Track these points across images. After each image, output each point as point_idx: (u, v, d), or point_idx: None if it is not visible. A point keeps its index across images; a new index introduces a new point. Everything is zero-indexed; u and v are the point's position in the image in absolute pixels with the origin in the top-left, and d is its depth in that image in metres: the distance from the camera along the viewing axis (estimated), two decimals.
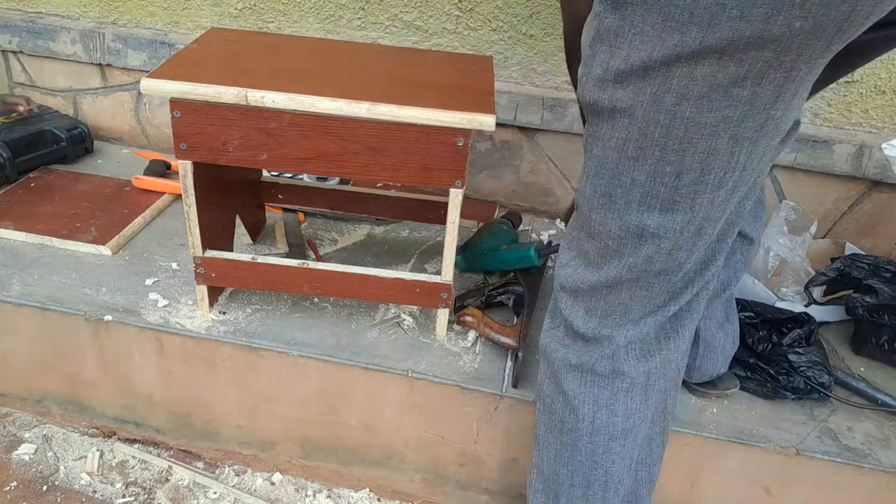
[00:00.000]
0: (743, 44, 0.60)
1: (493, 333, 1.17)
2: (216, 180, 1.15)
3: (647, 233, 0.74)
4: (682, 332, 0.86)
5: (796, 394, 1.13)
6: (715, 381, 1.13)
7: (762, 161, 0.72)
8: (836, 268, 1.27)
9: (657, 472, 0.94)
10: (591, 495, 0.89)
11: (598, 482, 0.88)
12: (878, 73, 1.43)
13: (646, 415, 0.87)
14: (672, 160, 0.69)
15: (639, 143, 0.70)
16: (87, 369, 1.24)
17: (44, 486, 1.20)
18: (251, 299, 1.25)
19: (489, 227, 1.40)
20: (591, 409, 0.86)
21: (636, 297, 0.81)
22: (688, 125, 0.67)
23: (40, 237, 1.34)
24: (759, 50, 0.61)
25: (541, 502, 0.95)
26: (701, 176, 0.70)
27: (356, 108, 0.99)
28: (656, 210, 0.73)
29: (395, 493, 1.26)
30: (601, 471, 0.87)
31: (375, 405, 1.17)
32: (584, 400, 0.86)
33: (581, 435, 0.87)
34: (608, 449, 0.87)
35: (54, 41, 1.70)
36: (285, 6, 1.61)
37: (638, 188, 0.72)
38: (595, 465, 0.87)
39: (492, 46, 1.56)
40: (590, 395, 0.86)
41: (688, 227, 0.73)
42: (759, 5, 0.57)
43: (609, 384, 0.85)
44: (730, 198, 0.73)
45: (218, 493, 1.22)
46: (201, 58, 1.10)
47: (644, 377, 0.85)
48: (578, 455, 0.88)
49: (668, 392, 0.90)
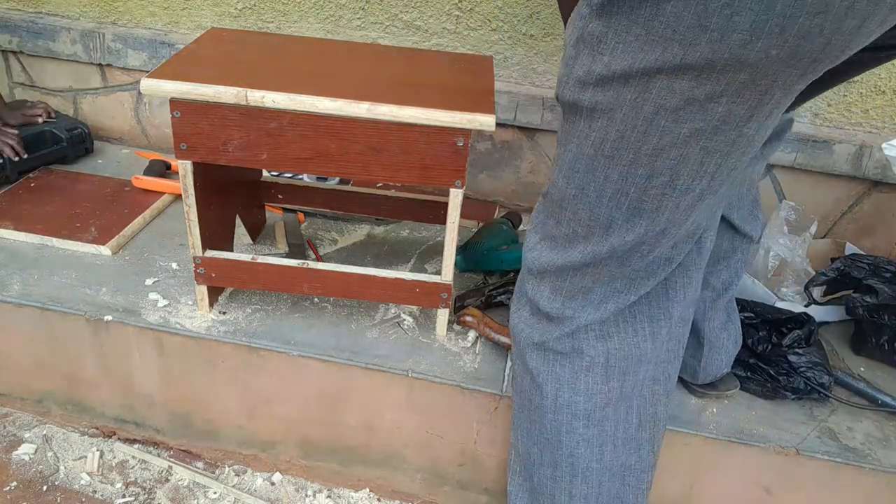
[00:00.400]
0: (721, 64, 0.62)
1: (493, 333, 1.17)
2: (216, 180, 1.15)
3: (615, 226, 0.78)
4: (640, 319, 0.89)
5: (796, 394, 1.13)
6: (715, 381, 1.13)
7: (732, 173, 0.75)
8: (836, 268, 1.27)
9: (649, 480, 0.95)
10: (559, 477, 0.91)
11: (563, 464, 0.91)
12: (878, 73, 1.43)
13: (609, 397, 0.89)
14: (644, 163, 0.72)
15: (615, 144, 0.72)
16: (87, 369, 1.24)
17: (44, 486, 1.20)
18: (251, 299, 1.25)
19: (489, 227, 1.40)
20: (553, 386, 0.89)
21: (598, 282, 0.84)
22: (662, 133, 0.69)
23: (40, 237, 1.34)
24: (736, 72, 0.62)
25: (517, 483, 0.98)
26: (670, 181, 0.72)
27: (356, 108, 0.99)
28: (624, 207, 0.76)
29: (395, 493, 1.26)
30: (566, 451, 0.90)
31: (375, 405, 1.17)
32: (546, 377, 0.89)
33: (546, 412, 0.90)
34: (571, 428, 0.89)
35: (54, 41, 1.70)
36: (285, 6, 1.61)
37: (610, 185, 0.75)
38: (560, 444, 0.90)
39: (492, 46, 1.56)
40: (552, 373, 0.89)
41: (652, 227, 0.77)
42: (739, 31, 0.59)
43: (570, 362, 0.88)
44: (696, 204, 0.76)
45: (218, 493, 1.22)
46: (201, 58, 1.10)
47: (603, 357, 0.88)
48: (545, 433, 0.91)
49: (643, 386, 0.91)
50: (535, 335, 0.90)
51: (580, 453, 0.90)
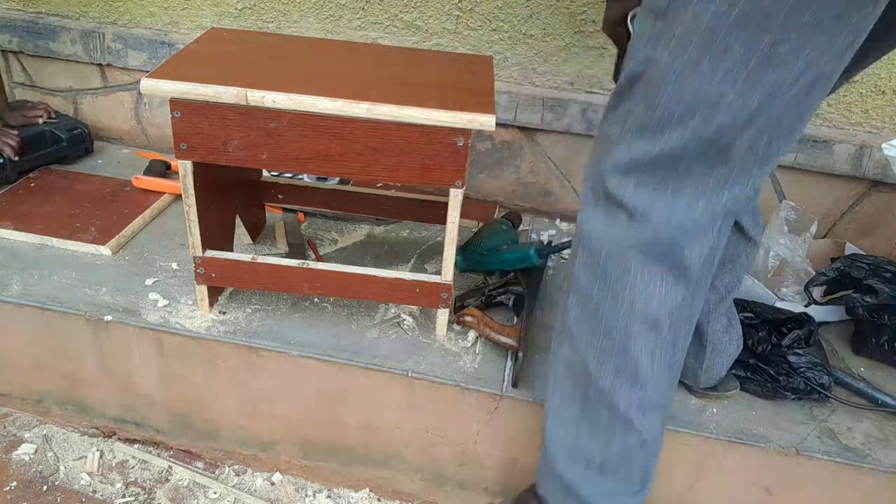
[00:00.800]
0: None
1: (493, 333, 1.17)
2: (216, 180, 1.15)
3: (725, 102, 0.74)
4: (724, 231, 0.86)
5: (796, 394, 1.13)
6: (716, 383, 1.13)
7: (810, 96, 0.75)
8: (836, 268, 1.27)
9: (657, 451, 0.95)
10: (618, 385, 0.89)
11: (626, 372, 0.88)
12: (879, 73, 1.43)
13: (681, 313, 0.87)
14: (774, 28, 0.69)
15: (743, 9, 0.69)
16: (87, 369, 1.24)
17: (44, 486, 1.20)
18: (251, 299, 1.25)
19: (489, 227, 1.40)
20: (629, 294, 0.85)
21: (690, 175, 0.80)
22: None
23: (40, 237, 1.34)
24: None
25: (565, 396, 0.95)
26: (796, 49, 0.70)
27: (356, 108, 0.99)
28: (740, 81, 0.72)
29: (395, 493, 1.26)
30: (632, 359, 0.88)
31: (375, 405, 1.17)
32: (624, 284, 0.85)
33: (617, 319, 0.87)
34: (640, 337, 0.87)
35: (54, 41, 1.70)
36: (285, 6, 1.61)
37: (730, 56, 0.72)
38: (627, 353, 0.88)
39: (492, 46, 1.56)
40: (629, 280, 0.85)
41: (768, 104, 0.74)
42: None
43: (652, 267, 0.84)
44: (806, 94, 0.74)
45: (218, 493, 1.22)
46: (201, 58, 1.10)
47: (683, 263, 0.84)
48: (611, 341, 0.88)
49: (699, 311, 0.91)
50: (615, 236, 0.85)
51: (643, 363, 0.88)
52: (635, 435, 0.91)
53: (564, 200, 1.68)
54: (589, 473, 0.95)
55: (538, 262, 1.28)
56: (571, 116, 1.55)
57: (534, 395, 1.11)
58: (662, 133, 0.79)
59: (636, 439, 0.91)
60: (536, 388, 1.12)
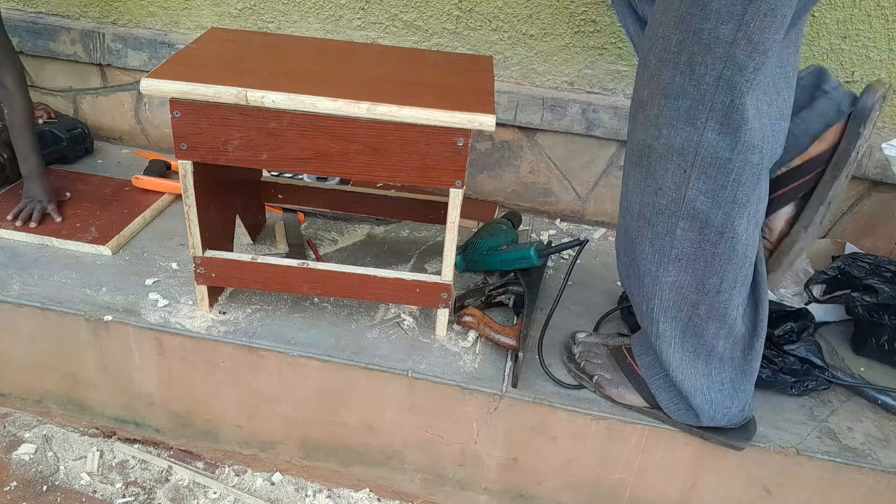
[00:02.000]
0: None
1: (493, 333, 1.17)
2: (216, 180, 1.15)
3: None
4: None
5: (795, 376, 1.13)
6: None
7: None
8: (836, 267, 1.27)
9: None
10: (735, 295, 0.95)
11: (745, 284, 0.96)
12: (878, 73, 1.43)
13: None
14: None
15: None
16: (87, 369, 1.24)
17: (44, 486, 1.20)
18: (251, 299, 1.25)
19: (489, 227, 1.40)
20: (746, 220, 0.90)
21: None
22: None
23: (40, 237, 1.34)
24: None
25: (673, 329, 0.99)
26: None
27: (356, 108, 0.99)
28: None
29: (395, 493, 1.26)
30: (750, 278, 0.95)
31: (375, 405, 1.17)
32: (739, 213, 0.89)
33: (738, 242, 0.91)
34: (751, 261, 0.94)
35: (54, 41, 1.70)
36: (285, 6, 1.61)
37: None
38: (748, 274, 0.95)
39: (492, 46, 1.56)
40: (745, 208, 0.90)
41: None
42: None
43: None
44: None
45: (218, 493, 1.22)
46: (201, 58, 1.10)
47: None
48: (732, 265, 0.92)
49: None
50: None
51: (749, 280, 0.96)
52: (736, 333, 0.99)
53: (564, 200, 1.68)
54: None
55: (538, 262, 1.28)
56: (571, 116, 1.55)
57: (534, 395, 1.11)
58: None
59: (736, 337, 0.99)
60: (537, 388, 1.12)
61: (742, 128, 0.84)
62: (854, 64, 1.43)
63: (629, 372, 1.09)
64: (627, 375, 1.09)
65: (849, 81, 1.45)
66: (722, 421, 1.04)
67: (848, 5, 1.38)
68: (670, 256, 0.94)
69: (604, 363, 1.12)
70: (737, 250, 0.92)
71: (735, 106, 0.83)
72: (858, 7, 1.38)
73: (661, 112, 0.87)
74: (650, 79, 0.87)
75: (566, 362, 1.16)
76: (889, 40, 1.40)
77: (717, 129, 0.84)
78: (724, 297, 0.95)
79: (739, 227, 0.90)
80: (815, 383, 1.14)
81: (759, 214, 0.93)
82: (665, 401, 1.06)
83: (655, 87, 0.86)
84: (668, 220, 0.92)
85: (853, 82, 1.45)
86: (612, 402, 1.10)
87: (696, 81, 0.82)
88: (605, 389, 1.10)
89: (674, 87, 0.84)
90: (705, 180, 0.88)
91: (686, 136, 0.86)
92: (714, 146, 0.85)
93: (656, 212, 0.93)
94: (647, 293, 0.99)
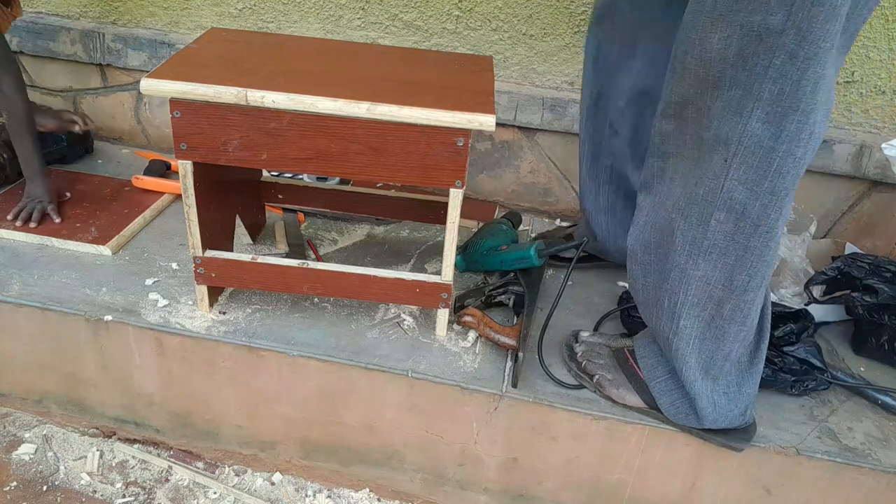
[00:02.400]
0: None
1: (493, 333, 1.17)
2: (216, 180, 1.15)
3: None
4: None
5: (795, 375, 1.13)
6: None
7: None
8: (836, 267, 1.27)
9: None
10: (759, 296, 0.96)
11: (765, 285, 0.96)
12: (878, 73, 1.43)
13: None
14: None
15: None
16: (87, 369, 1.24)
17: (44, 486, 1.20)
18: (251, 299, 1.25)
19: (489, 227, 1.40)
20: (764, 214, 0.90)
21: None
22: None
23: (40, 237, 1.34)
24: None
25: (699, 314, 0.97)
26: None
27: (356, 108, 0.99)
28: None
29: (395, 493, 1.26)
30: (769, 268, 0.95)
31: (375, 405, 1.17)
32: (762, 214, 0.90)
33: (766, 239, 0.91)
34: (772, 246, 0.93)
35: (54, 41, 1.70)
36: (285, 6, 1.61)
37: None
38: (769, 275, 0.96)
39: (492, 46, 1.56)
40: (767, 211, 0.90)
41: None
42: None
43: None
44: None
45: (218, 493, 1.22)
46: (201, 58, 1.10)
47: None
48: (754, 252, 0.92)
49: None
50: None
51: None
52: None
53: (564, 200, 1.68)
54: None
55: (538, 262, 1.28)
56: (571, 116, 1.55)
57: (534, 395, 1.11)
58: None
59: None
60: (537, 388, 1.12)
61: (789, 117, 0.84)
62: (854, 64, 1.44)
63: (630, 373, 1.09)
64: (628, 377, 1.09)
65: (849, 81, 1.45)
66: (724, 423, 1.04)
67: None
68: (702, 248, 0.94)
69: (605, 363, 1.12)
70: (769, 246, 0.92)
71: (784, 94, 0.83)
72: None
73: (713, 103, 0.87)
74: (695, 77, 0.88)
75: (567, 361, 1.17)
76: (889, 40, 1.40)
77: (762, 117, 0.84)
78: (750, 296, 0.95)
79: (775, 221, 0.90)
80: (815, 383, 1.14)
81: (788, 213, 0.93)
82: (666, 404, 1.06)
83: (704, 83, 0.87)
84: (704, 210, 0.92)
85: (853, 82, 1.45)
86: (612, 403, 1.10)
87: (748, 71, 0.83)
88: (606, 390, 1.10)
89: (725, 79, 0.85)
90: (745, 170, 0.88)
91: (732, 126, 0.87)
92: (758, 135, 0.86)
93: (692, 202, 0.93)
94: (672, 288, 0.98)
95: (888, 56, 1.41)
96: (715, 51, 0.84)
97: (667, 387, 1.05)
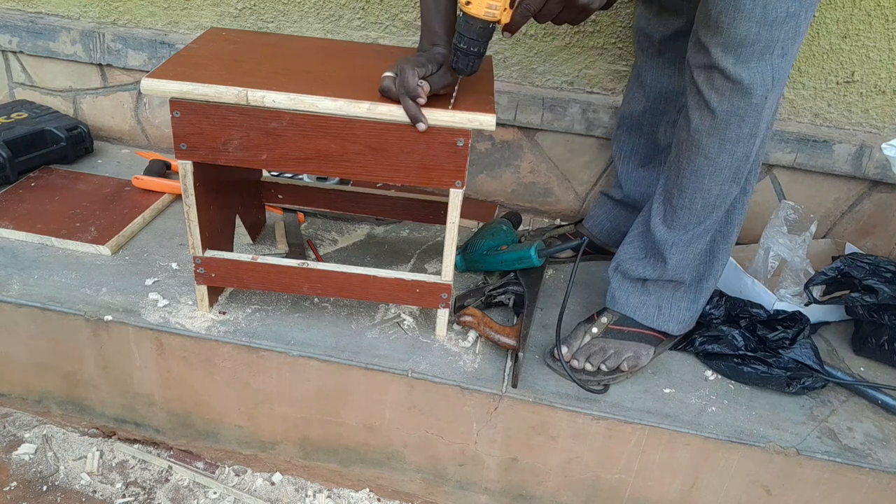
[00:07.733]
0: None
1: (493, 333, 1.17)
2: (216, 180, 1.15)
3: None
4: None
5: (790, 371, 1.13)
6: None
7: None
8: (836, 267, 1.26)
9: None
10: (741, 213, 1.14)
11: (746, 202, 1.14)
12: (878, 73, 1.43)
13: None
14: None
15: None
16: (87, 369, 1.24)
17: (44, 486, 1.20)
18: (251, 299, 1.25)
19: (489, 227, 1.40)
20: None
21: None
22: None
23: (40, 237, 1.34)
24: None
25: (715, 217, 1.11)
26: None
27: (356, 108, 0.99)
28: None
29: (395, 493, 1.26)
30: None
31: (375, 405, 1.17)
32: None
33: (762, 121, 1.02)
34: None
35: (54, 41, 1.70)
36: (285, 6, 1.61)
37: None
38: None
39: (492, 46, 1.56)
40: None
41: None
42: None
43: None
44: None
45: (218, 493, 1.22)
46: (201, 58, 1.10)
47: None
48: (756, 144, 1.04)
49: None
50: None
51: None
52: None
53: (564, 200, 1.68)
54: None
55: (538, 262, 1.28)
56: (571, 116, 1.55)
57: (534, 395, 1.11)
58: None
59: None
60: (536, 388, 1.12)
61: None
62: (854, 64, 1.43)
63: (633, 335, 1.17)
64: (635, 339, 1.17)
65: (849, 81, 1.45)
66: (683, 329, 1.21)
67: (848, 5, 1.38)
68: (726, 136, 1.03)
69: (615, 350, 1.15)
70: (760, 128, 1.02)
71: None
72: (858, 7, 1.38)
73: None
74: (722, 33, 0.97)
75: (584, 384, 1.13)
76: (889, 40, 1.40)
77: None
78: (743, 201, 1.11)
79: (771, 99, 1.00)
80: (812, 380, 1.14)
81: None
82: (661, 319, 1.19)
83: (732, 40, 0.96)
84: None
85: (853, 82, 1.45)
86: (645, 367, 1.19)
87: (769, 25, 0.93)
88: (640, 361, 1.16)
89: (750, 36, 0.95)
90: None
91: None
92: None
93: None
94: (692, 193, 1.09)
95: (888, 56, 1.41)
96: (747, 10, 0.93)
97: (655, 312, 1.19)
